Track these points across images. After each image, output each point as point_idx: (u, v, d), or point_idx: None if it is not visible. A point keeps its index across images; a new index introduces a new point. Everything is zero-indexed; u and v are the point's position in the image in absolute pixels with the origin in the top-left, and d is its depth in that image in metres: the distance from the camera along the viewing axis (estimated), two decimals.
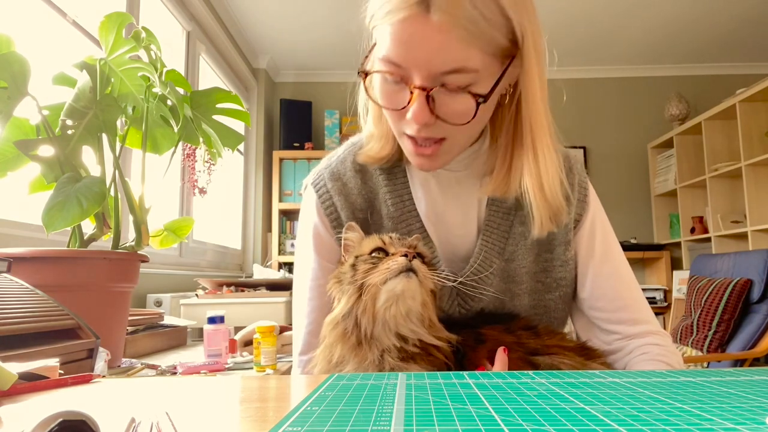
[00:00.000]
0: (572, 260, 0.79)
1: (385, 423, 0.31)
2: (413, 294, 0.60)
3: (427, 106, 0.62)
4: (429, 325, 0.62)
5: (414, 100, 0.62)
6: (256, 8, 3.17)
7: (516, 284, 0.78)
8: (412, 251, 0.61)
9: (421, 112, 0.62)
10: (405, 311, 0.60)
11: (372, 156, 0.78)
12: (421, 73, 0.61)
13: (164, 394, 0.46)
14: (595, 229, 0.80)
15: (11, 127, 1.00)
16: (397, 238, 0.67)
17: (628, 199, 4.14)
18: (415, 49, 0.60)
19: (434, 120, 0.64)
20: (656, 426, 0.29)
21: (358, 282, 0.62)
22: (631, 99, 4.20)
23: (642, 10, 3.28)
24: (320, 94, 4.04)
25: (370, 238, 0.69)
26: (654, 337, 0.76)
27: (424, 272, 0.61)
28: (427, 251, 0.70)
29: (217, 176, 1.58)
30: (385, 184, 0.79)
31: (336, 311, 0.64)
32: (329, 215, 0.79)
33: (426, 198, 0.79)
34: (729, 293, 2.68)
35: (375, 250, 0.65)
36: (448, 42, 0.59)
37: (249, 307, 1.78)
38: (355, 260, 0.65)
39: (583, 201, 0.80)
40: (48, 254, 0.91)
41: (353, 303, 0.61)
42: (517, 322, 0.72)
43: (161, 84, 1.05)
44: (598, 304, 0.78)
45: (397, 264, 0.60)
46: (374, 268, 0.61)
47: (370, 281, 0.60)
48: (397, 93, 0.65)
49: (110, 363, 0.92)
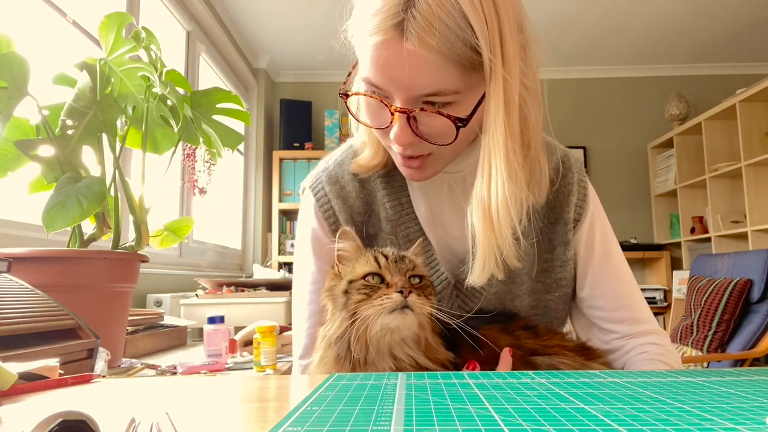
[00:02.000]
0: (572, 260, 0.79)
1: (385, 423, 0.31)
2: (409, 326, 0.58)
3: (408, 127, 0.62)
4: (426, 347, 0.59)
5: (395, 121, 0.62)
6: (256, 8, 3.17)
7: (516, 285, 0.77)
8: (408, 285, 0.58)
9: (402, 134, 0.63)
10: (400, 339, 0.58)
11: (363, 165, 0.78)
12: (401, 96, 0.61)
13: (164, 394, 0.46)
14: (594, 229, 0.80)
15: (11, 127, 1.00)
16: (393, 260, 0.62)
17: (628, 199, 4.14)
18: (392, 73, 0.60)
19: (417, 140, 0.64)
20: (656, 426, 0.29)
21: (350, 309, 0.59)
22: (631, 99, 4.20)
23: (642, 10, 3.28)
24: (320, 94, 4.04)
25: (364, 257, 0.64)
26: (653, 336, 0.76)
27: (420, 306, 0.58)
28: (425, 270, 0.66)
29: (217, 176, 1.58)
30: (383, 187, 0.79)
31: (330, 330, 0.62)
32: (327, 219, 0.79)
33: (424, 201, 0.79)
34: (729, 293, 2.68)
35: (369, 274, 0.61)
36: (425, 67, 0.59)
37: (249, 307, 1.78)
38: (348, 286, 0.61)
39: (583, 200, 0.79)
40: (48, 254, 0.91)
41: (346, 328, 0.59)
42: (516, 322, 0.72)
43: (161, 84, 1.05)
44: (597, 303, 0.78)
45: (392, 301, 0.57)
46: (367, 299, 0.58)
47: (363, 314, 0.57)
48: (381, 110, 0.65)
49: (110, 363, 0.92)
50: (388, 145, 0.70)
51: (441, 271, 0.76)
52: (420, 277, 0.63)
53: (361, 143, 0.79)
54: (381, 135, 0.69)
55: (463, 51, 0.58)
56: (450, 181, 0.78)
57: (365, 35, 0.61)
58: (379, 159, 0.77)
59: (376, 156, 0.77)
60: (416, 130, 0.63)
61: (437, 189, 0.79)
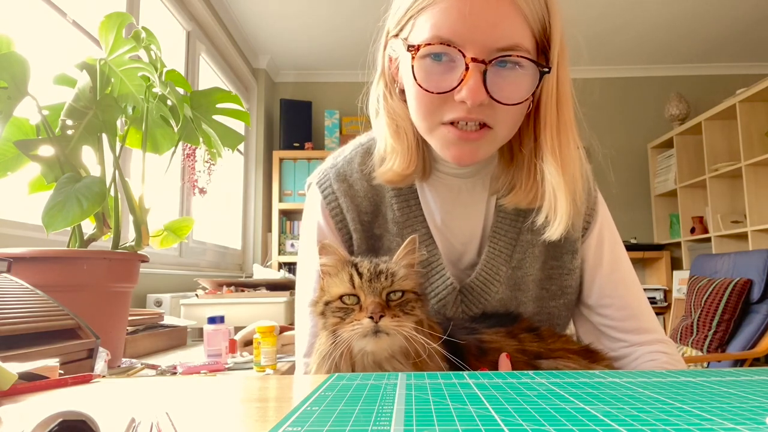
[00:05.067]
0: (578, 269, 0.78)
1: (385, 423, 0.31)
2: (388, 347, 0.57)
3: (482, 82, 0.61)
4: (416, 356, 0.57)
5: (469, 76, 0.60)
6: (256, 8, 3.17)
7: (522, 292, 0.77)
8: (379, 306, 0.56)
9: (476, 88, 0.60)
10: (385, 356, 0.58)
11: (399, 173, 0.72)
12: (477, 47, 0.60)
13: (164, 394, 0.46)
14: (603, 238, 0.79)
15: (11, 127, 1.00)
16: (368, 278, 0.59)
17: (628, 199, 4.14)
18: (474, 21, 0.59)
19: (488, 99, 0.62)
20: (656, 426, 0.29)
21: (330, 331, 0.59)
22: (631, 99, 4.20)
23: (642, 10, 3.28)
24: (320, 94, 4.04)
25: (339, 277, 0.61)
26: (661, 345, 0.75)
27: (395, 328, 0.56)
28: (406, 284, 0.61)
29: (217, 176, 1.58)
30: (392, 187, 0.77)
31: (319, 345, 0.62)
32: (334, 216, 0.78)
33: (433, 204, 0.78)
34: (729, 293, 2.68)
35: (344, 295, 0.59)
36: (508, 16, 0.60)
37: (249, 307, 1.78)
38: (324, 308, 0.61)
39: (592, 209, 0.79)
40: (48, 254, 0.91)
41: (330, 347, 0.58)
42: (519, 324, 0.71)
43: (161, 84, 1.05)
44: (605, 312, 0.78)
45: (362, 328, 0.56)
46: (341, 322, 0.58)
47: (340, 338, 0.57)
48: (447, 72, 0.62)
49: (110, 363, 0.92)
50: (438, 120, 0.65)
51: (446, 276, 0.75)
52: (402, 292, 0.59)
53: (389, 149, 0.73)
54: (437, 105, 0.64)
55: (537, 26, 0.62)
56: (461, 186, 0.77)
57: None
58: (414, 165, 0.72)
59: (412, 162, 0.72)
60: (487, 89, 0.61)
61: (449, 192, 0.77)
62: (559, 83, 0.66)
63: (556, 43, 0.64)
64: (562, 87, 0.66)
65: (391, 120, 0.73)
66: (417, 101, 0.66)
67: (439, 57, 0.62)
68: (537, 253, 0.77)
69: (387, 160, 0.74)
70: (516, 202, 0.72)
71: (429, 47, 0.62)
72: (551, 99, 0.66)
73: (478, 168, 0.77)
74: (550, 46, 0.64)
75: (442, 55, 0.62)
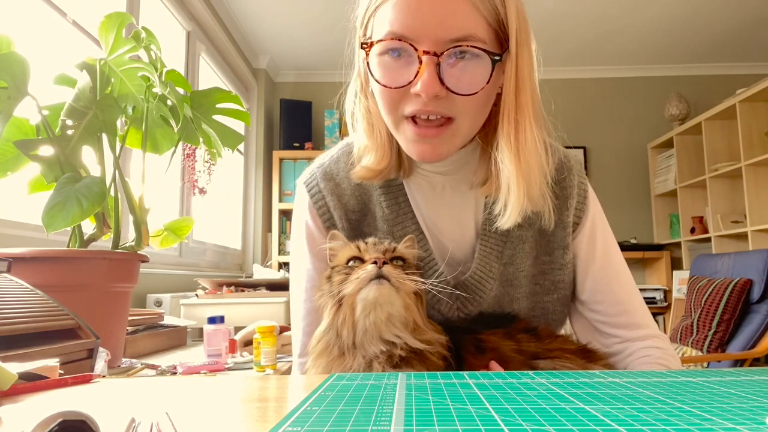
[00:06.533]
0: (570, 263, 0.78)
1: (385, 423, 0.31)
2: (389, 299, 0.58)
3: (436, 74, 0.61)
4: (414, 329, 0.60)
5: (423, 69, 0.61)
6: (256, 8, 3.17)
7: (514, 288, 0.77)
8: (382, 257, 0.60)
9: (431, 81, 0.61)
10: (385, 317, 0.59)
11: (371, 168, 0.74)
12: (430, 40, 0.61)
13: (164, 394, 0.46)
14: (595, 233, 0.79)
15: (11, 127, 1.00)
16: (373, 243, 0.65)
17: (628, 199, 4.14)
18: (424, 15, 0.60)
19: (444, 91, 0.62)
20: (656, 426, 0.29)
21: (334, 294, 0.61)
22: (631, 99, 4.20)
23: (642, 10, 3.28)
24: (320, 94, 4.04)
25: (347, 246, 0.67)
26: (654, 340, 0.75)
27: (397, 277, 0.59)
28: (408, 253, 0.67)
29: (217, 176, 1.58)
30: (379, 185, 0.78)
31: (321, 325, 0.64)
32: (322, 215, 0.78)
33: (422, 201, 0.78)
34: (729, 293, 2.68)
35: (351, 258, 0.64)
36: (459, 7, 0.60)
37: (249, 307, 1.78)
38: (331, 271, 0.65)
39: (583, 204, 0.79)
40: (48, 254, 0.91)
41: (333, 315, 0.61)
42: (516, 324, 0.71)
43: (161, 84, 1.05)
44: (598, 308, 0.78)
45: (366, 273, 0.59)
46: (348, 278, 0.61)
47: (345, 292, 0.59)
48: (403, 67, 0.63)
49: (110, 363, 0.92)
50: (400, 115, 0.66)
51: (441, 272, 0.75)
52: (403, 260, 0.64)
53: (363, 147, 0.76)
54: (396, 99, 0.65)
55: (492, 14, 0.62)
56: (445, 184, 0.77)
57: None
58: (387, 160, 0.74)
59: (384, 157, 0.74)
60: (443, 80, 0.62)
61: (432, 191, 0.78)
62: (518, 69, 0.65)
63: (512, 29, 0.63)
64: (520, 72, 0.65)
65: (365, 118, 0.74)
66: (379, 97, 0.68)
67: (397, 52, 0.63)
68: (528, 249, 0.77)
69: (363, 158, 0.76)
70: (487, 193, 0.73)
71: (383, 43, 0.63)
72: (510, 85, 0.65)
73: (460, 165, 0.76)
74: (508, 33, 0.64)
75: (399, 51, 0.63)
